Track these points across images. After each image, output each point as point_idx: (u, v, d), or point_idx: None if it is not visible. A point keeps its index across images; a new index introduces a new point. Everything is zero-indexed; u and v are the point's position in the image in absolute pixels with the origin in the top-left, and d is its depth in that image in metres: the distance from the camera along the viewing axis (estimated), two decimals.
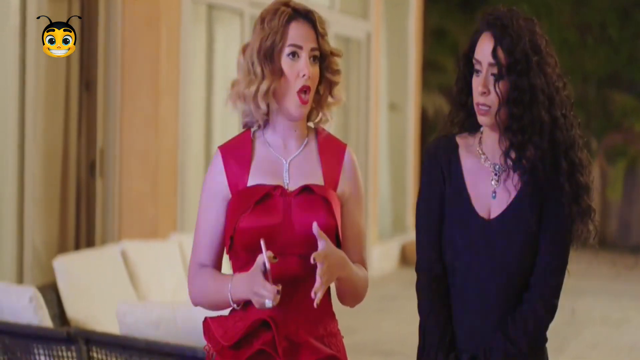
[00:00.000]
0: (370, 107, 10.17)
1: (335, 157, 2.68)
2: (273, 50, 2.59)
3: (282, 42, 2.59)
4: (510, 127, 2.57)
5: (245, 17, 7.72)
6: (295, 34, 2.60)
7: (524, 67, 2.54)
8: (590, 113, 12.72)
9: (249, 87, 2.60)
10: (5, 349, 4.36)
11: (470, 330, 2.64)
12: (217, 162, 2.65)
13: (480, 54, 2.58)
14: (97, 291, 5.13)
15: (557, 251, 2.62)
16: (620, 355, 7.35)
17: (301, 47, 2.60)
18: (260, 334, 2.56)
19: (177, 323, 4.00)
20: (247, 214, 2.55)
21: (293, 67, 2.60)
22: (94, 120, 6.42)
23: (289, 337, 2.56)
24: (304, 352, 2.56)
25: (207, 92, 7.49)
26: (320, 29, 2.63)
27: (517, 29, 2.55)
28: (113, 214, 6.48)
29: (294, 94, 2.60)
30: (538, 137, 2.55)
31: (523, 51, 2.54)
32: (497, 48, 2.55)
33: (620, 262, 11.95)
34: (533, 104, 2.54)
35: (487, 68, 2.57)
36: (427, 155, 2.71)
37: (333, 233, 2.60)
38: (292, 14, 2.62)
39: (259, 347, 2.54)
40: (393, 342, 7.31)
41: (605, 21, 13.23)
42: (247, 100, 2.62)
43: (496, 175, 2.65)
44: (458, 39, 12.41)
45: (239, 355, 2.56)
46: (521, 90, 2.54)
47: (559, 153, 2.57)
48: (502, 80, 2.56)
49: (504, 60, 2.55)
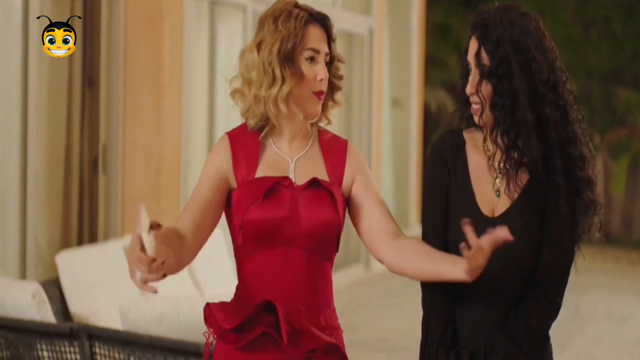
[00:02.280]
0: (373, 103, 10.16)
1: (338, 154, 2.71)
2: (294, 52, 2.58)
3: (302, 46, 2.59)
4: (494, 130, 2.57)
5: (248, 13, 7.71)
6: (313, 38, 2.61)
7: (504, 70, 2.53)
8: (593, 108, 12.70)
9: (268, 89, 2.59)
10: (8, 344, 4.36)
11: (472, 327, 2.63)
12: (224, 146, 2.65)
13: (469, 55, 2.60)
14: (99, 287, 5.13)
15: (561, 250, 2.60)
16: (624, 351, 7.34)
17: (319, 51, 2.62)
18: (263, 318, 2.57)
19: (180, 318, 4.00)
20: (256, 205, 2.57)
21: (311, 70, 2.61)
22: (96, 117, 6.42)
23: (291, 324, 2.57)
24: (305, 339, 2.57)
25: (210, 89, 7.49)
26: (333, 34, 2.66)
27: (500, 30, 2.54)
28: (116, 210, 6.48)
29: (311, 95, 2.62)
30: (525, 138, 2.54)
31: (504, 54, 2.52)
32: (480, 51, 2.55)
33: (623, 257, 11.94)
34: (515, 108, 2.53)
35: (475, 69, 2.58)
36: (433, 150, 2.70)
37: (336, 229, 2.63)
38: (308, 17, 2.62)
39: (263, 330, 2.55)
40: (397, 338, 7.30)
41: (609, 17, 13.21)
42: (266, 102, 2.61)
43: (501, 173, 2.64)
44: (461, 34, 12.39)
45: (241, 339, 2.57)
46: (501, 94, 2.54)
47: (553, 151, 2.56)
48: (485, 82, 2.56)
49: (487, 62, 2.55)
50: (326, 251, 2.65)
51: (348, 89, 9.80)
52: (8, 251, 5.81)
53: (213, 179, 2.63)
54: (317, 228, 2.59)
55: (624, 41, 13.14)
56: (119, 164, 6.51)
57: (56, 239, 6.13)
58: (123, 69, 6.51)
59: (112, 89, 6.49)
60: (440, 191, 2.66)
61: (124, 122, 6.54)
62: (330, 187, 2.63)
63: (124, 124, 6.54)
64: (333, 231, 2.62)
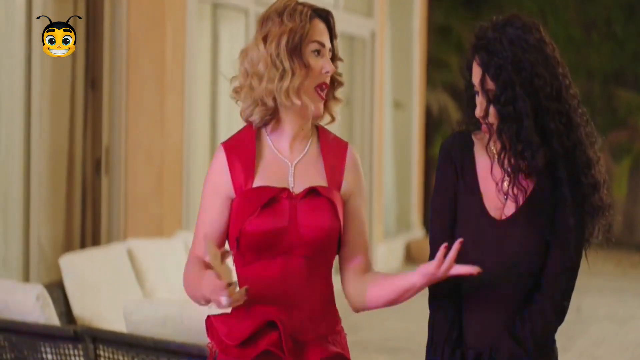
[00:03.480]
0: (375, 105, 10.17)
1: (338, 157, 2.69)
2: (301, 44, 2.58)
3: (308, 38, 2.59)
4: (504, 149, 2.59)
5: (251, 15, 7.72)
6: (318, 31, 2.62)
7: (508, 96, 2.54)
8: (595, 110, 12.70)
9: (280, 82, 2.57)
10: (12, 347, 4.36)
11: (479, 328, 2.63)
12: (220, 159, 2.63)
13: (474, 78, 2.60)
14: (103, 289, 5.13)
15: (569, 254, 2.60)
16: (626, 352, 7.34)
17: (324, 44, 2.62)
18: (266, 334, 2.56)
19: (183, 321, 4.00)
20: (254, 217, 2.55)
21: (317, 63, 2.60)
22: (99, 119, 6.43)
23: (293, 336, 2.56)
24: (309, 350, 2.57)
25: (212, 91, 7.50)
26: (334, 30, 2.67)
27: (501, 54, 2.54)
28: (119, 212, 6.49)
29: (313, 90, 2.60)
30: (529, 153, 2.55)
31: (507, 79, 2.53)
32: (484, 77, 2.56)
33: (625, 259, 11.94)
34: (520, 130, 2.54)
35: (481, 94, 2.59)
36: (442, 151, 2.70)
37: (336, 234, 2.62)
38: (312, 12, 2.63)
39: (265, 348, 2.54)
40: (398, 340, 7.31)
41: (610, 18, 13.21)
42: (278, 95, 2.58)
43: (509, 176, 2.64)
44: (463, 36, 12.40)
45: (244, 355, 2.56)
46: (506, 120, 2.55)
47: (557, 163, 2.57)
48: (491, 106, 2.57)
49: (492, 87, 2.56)
50: (327, 257, 2.64)
51: (350, 91, 9.80)
52: (11, 253, 5.82)
53: (218, 201, 2.62)
54: (317, 236, 2.57)
55: (625, 42, 13.14)
56: (122, 165, 6.52)
57: (59, 241, 6.14)
58: (126, 71, 6.52)
59: (115, 91, 6.50)
60: (448, 193, 2.66)
61: (127, 124, 6.54)
62: (329, 195, 2.61)
63: (127, 126, 6.54)
64: (334, 237, 2.61)
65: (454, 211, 2.65)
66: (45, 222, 6.01)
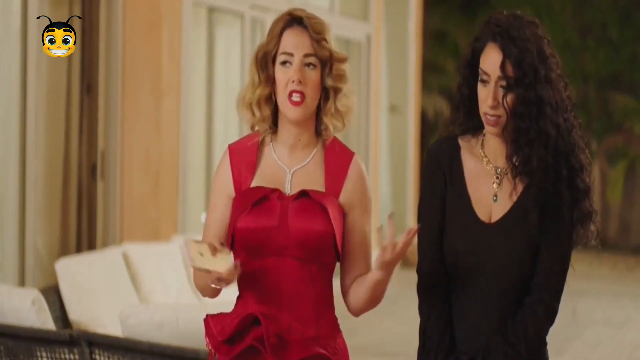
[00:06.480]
0: (371, 108, 10.18)
1: (341, 167, 2.71)
2: (267, 58, 2.66)
3: (276, 50, 2.65)
4: (517, 140, 2.56)
5: (246, 19, 7.72)
6: (287, 42, 2.65)
7: (531, 80, 2.52)
8: (590, 114, 12.72)
9: (251, 93, 2.69)
10: (7, 351, 4.36)
11: (470, 332, 2.64)
12: (225, 161, 2.72)
13: (488, 65, 2.56)
14: (99, 293, 5.13)
15: (558, 256, 2.61)
16: (621, 356, 7.35)
17: (292, 54, 2.64)
18: (252, 330, 2.62)
19: (180, 325, 4.00)
20: (245, 214, 2.61)
21: (285, 74, 2.64)
22: (95, 123, 6.42)
23: (280, 334, 2.61)
24: (291, 350, 2.60)
25: (208, 95, 7.50)
26: (314, 34, 2.64)
27: (524, 40, 2.53)
28: (115, 216, 6.49)
29: (286, 99, 2.64)
30: (543, 149, 2.54)
31: (531, 64, 2.52)
32: (505, 62, 2.53)
33: (621, 263, 11.96)
34: (540, 117, 2.53)
35: (496, 80, 2.55)
36: (429, 156, 2.70)
37: (330, 239, 2.63)
38: (289, 21, 2.66)
39: (250, 343, 2.60)
40: (396, 344, 7.31)
41: (606, 22, 13.24)
42: (248, 105, 2.69)
43: (498, 178, 2.65)
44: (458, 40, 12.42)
45: (232, 350, 2.63)
46: (528, 104, 2.53)
47: (559, 160, 2.57)
48: (510, 93, 2.54)
49: (512, 73, 2.53)
50: (323, 261, 2.66)
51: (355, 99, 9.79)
52: (7, 258, 5.82)
53: (222, 200, 2.71)
54: (307, 238, 2.60)
55: (621, 46, 13.17)
56: (118, 170, 6.51)
57: (55, 245, 6.13)
58: (121, 75, 6.52)
59: (111, 95, 6.50)
60: (435, 197, 2.67)
61: (123, 128, 6.54)
62: (321, 199, 2.63)
63: (123, 130, 6.54)
64: (326, 241, 2.62)
65: (442, 216, 2.65)
66: (40, 227, 6.00)
